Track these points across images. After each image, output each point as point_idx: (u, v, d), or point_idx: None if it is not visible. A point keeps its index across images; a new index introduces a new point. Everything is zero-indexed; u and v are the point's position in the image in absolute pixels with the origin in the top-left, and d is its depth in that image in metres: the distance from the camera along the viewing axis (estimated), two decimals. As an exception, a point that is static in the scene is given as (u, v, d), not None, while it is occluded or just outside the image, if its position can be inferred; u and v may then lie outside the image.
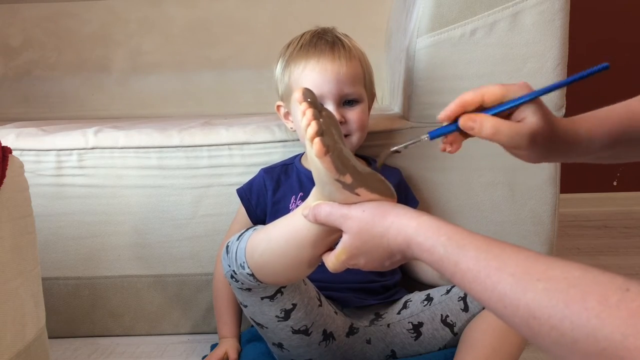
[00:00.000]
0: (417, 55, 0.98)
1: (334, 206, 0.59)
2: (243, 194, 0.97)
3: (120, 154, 1.04)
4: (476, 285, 0.45)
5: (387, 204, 0.57)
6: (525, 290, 0.41)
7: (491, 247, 0.46)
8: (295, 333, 0.80)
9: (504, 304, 0.42)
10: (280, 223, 0.69)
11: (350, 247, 0.58)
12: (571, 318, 0.37)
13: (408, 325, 0.85)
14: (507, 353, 0.77)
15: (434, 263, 0.50)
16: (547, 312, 0.39)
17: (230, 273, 0.76)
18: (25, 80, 1.70)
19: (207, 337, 1.06)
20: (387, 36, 1.51)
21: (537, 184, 1.01)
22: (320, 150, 0.54)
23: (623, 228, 1.74)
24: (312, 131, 0.55)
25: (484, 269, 0.45)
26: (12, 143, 1.02)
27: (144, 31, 1.70)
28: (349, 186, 0.57)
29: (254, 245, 0.71)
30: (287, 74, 0.91)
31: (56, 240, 1.05)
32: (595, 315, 0.36)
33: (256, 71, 1.66)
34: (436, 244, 0.49)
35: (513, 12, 0.94)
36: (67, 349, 1.04)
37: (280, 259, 0.68)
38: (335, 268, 0.61)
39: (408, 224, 0.53)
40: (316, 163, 0.56)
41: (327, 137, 0.55)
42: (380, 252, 0.56)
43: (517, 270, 0.42)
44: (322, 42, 0.88)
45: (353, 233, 0.57)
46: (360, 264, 0.59)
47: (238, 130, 1.04)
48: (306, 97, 0.58)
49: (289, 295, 0.78)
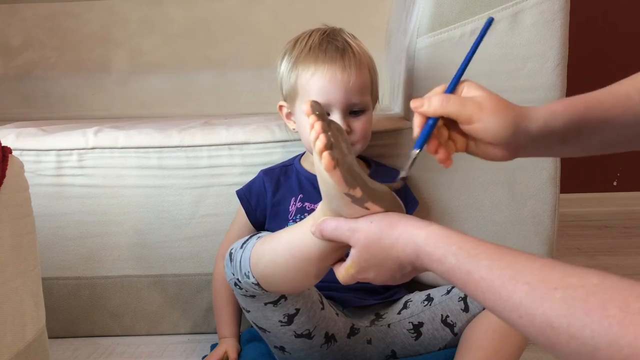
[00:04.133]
0: (417, 55, 0.98)
1: (340, 221, 0.58)
2: (242, 196, 0.97)
3: (120, 154, 1.03)
4: (490, 295, 0.44)
5: (395, 215, 0.56)
6: (542, 299, 0.40)
7: (504, 255, 0.45)
8: (298, 337, 0.80)
9: (519, 313, 0.41)
10: (286, 235, 0.67)
11: (359, 261, 0.57)
12: (592, 326, 0.37)
13: (408, 325, 0.85)
14: (507, 354, 0.77)
15: (444, 273, 0.49)
16: (565, 321, 0.38)
17: (234, 281, 0.76)
18: (25, 80, 1.70)
19: (207, 337, 1.06)
20: (387, 36, 1.51)
21: (537, 184, 1.01)
22: (330, 164, 0.53)
23: (623, 228, 1.74)
24: (321, 144, 0.53)
25: (498, 278, 0.44)
26: (12, 143, 1.02)
27: (144, 31, 1.70)
28: (359, 200, 0.56)
29: (259, 256, 0.70)
30: (293, 76, 0.89)
31: (56, 240, 1.05)
32: (617, 322, 0.36)
33: (256, 71, 1.65)
34: (447, 254, 0.48)
35: (513, 12, 0.94)
36: (67, 349, 1.04)
37: (286, 272, 0.67)
38: (345, 281, 0.60)
39: (417, 234, 0.52)
40: (325, 177, 0.55)
41: (336, 150, 0.54)
42: (390, 264, 0.55)
43: (533, 278, 0.42)
44: (332, 48, 0.86)
45: (361, 246, 0.56)
46: (370, 277, 0.58)
47: (238, 130, 1.04)
48: (314, 110, 0.57)
49: (293, 301, 0.78)
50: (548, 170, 1.01)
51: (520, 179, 1.01)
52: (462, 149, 0.62)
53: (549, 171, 1.01)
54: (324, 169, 0.54)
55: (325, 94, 0.85)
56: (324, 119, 0.56)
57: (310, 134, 0.55)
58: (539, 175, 1.01)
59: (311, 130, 0.55)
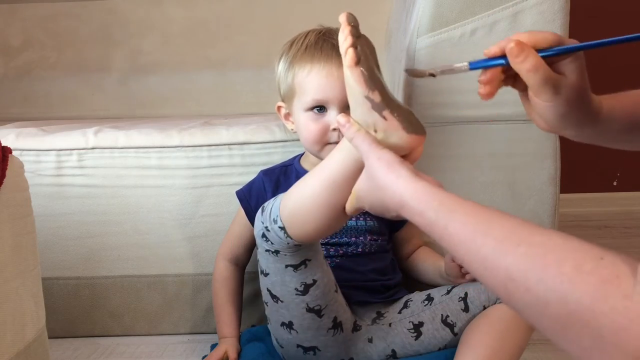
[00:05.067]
0: (417, 56, 0.98)
1: (369, 137, 0.61)
2: (242, 196, 0.97)
3: (120, 154, 1.04)
4: (461, 247, 0.47)
5: (398, 161, 0.58)
6: (506, 253, 0.43)
7: (480, 212, 0.48)
8: (309, 312, 0.80)
9: (485, 265, 0.44)
10: (314, 169, 0.71)
11: (359, 187, 0.62)
12: (546, 281, 0.39)
13: (409, 324, 0.85)
14: (507, 354, 0.77)
15: (424, 226, 0.52)
16: (524, 275, 0.41)
17: (262, 231, 0.76)
18: (25, 80, 1.70)
19: (207, 337, 1.06)
20: (387, 36, 1.51)
21: (537, 184, 1.01)
22: (352, 60, 0.58)
23: (623, 228, 1.74)
24: (348, 43, 0.59)
25: (470, 233, 0.46)
26: (12, 143, 1.02)
27: (144, 31, 1.70)
28: (378, 106, 0.59)
29: (288, 195, 0.73)
30: (290, 75, 0.89)
31: (56, 240, 1.05)
32: (568, 279, 0.38)
33: (256, 71, 1.65)
34: (428, 209, 0.52)
35: (513, 12, 0.94)
36: (67, 349, 1.04)
37: (312, 202, 0.70)
38: (349, 209, 0.66)
39: (406, 187, 0.55)
40: (347, 77, 0.59)
41: (361, 51, 0.59)
42: (379, 203, 0.59)
43: (501, 235, 0.44)
44: (328, 46, 0.87)
45: (364, 174, 0.61)
46: (367, 207, 0.62)
47: (238, 130, 1.04)
48: (350, 21, 0.61)
49: (312, 270, 0.78)
50: (548, 170, 1.01)
51: (520, 179, 1.01)
52: (518, 89, 0.60)
53: (549, 171, 1.01)
54: (346, 66, 0.59)
55: (323, 91, 0.86)
56: (356, 28, 0.61)
57: (339, 38, 0.61)
58: (539, 175, 1.01)
59: (341, 34, 0.60)
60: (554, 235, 0.42)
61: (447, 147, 1.01)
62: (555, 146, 1.01)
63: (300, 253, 0.77)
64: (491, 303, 0.81)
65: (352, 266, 0.91)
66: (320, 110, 0.87)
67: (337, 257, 0.91)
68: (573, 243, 0.40)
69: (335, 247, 0.92)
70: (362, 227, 0.93)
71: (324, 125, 0.87)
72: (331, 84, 0.85)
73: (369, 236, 0.93)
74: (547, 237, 0.42)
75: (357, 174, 0.65)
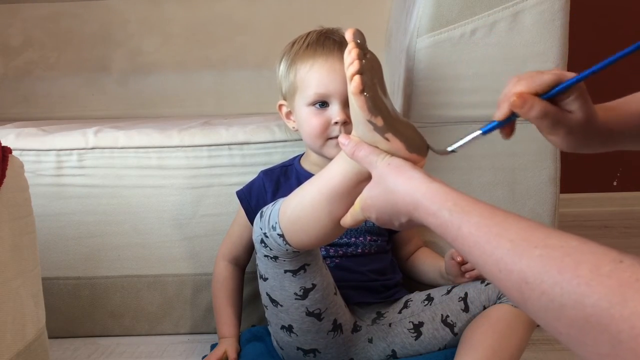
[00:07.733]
0: (417, 55, 0.98)
1: (372, 149, 0.61)
2: (242, 196, 0.97)
3: (120, 154, 1.04)
4: (475, 249, 0.46)
5: (409, 165, 0.58)
6: (522, 256, 0.42)
7: (495, 214, 0.47)
8: (309, 315, 0.80)
9: (499, 268, 0.44)
10: (313, 178, 0.71)
11: (365, 196, 0.61)
12: (562, 284, 0.38)
13: (409, 324, 0.85)
14: (507, 354, 0.77)
15: (437, 227, 0.51)
16: (539, 278, 0.40)
17: (261, 237, 0.76)
18: (25, 80, 1.70)
19: (207, 337, 1.06)
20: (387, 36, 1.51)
21: (537, 184, 1.01)
22: (357, 87, 0.57)
23: (623, 228, 1.74)
24: (354, 69, 0.58)
25: (484, 234, 0.46)
26: (12, 143, 1.02)
27: (144, 31, 1.70)
28: (380, 129, 0.59)
29: (287, 202, 0.73)
30: (292, 72, 0.90)
31: (56, 240, 1.05)
32: (585, 282, 0.37)
33: (256, 71, 1.65)
34: (442, 209, 0.51)
35: (513, 12, 0.94)
36: (67, 349, 1.04)
37: (311, 212, 0.69)
38: (351, 219, 0.64)
39: (418, 187, 0.54)
40: (352, 101, 0.59)
41: (366, 77, 0.58)
42: (389, 208, 0.58)
43: (517, 237, 0.44)
44: (329, 42, 0.88)
45: (371, 181, 0.60)
46: (372, 217, 0.61)
47: (238, 130, 1.04)
48: (356, 38, 0.61)
49: (311, 275, 0.78)
50: (548, 170, 1.01)
51: (520, 179, 1.01)
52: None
53: (549, 171, 1.01)
54: (351, 93, 0.58)
55: (324, 86, 0.86)
56: (362, 48, 0.60)
57: (345, 59, 0.59)
58: (539, 175, 1.01)
59: (348, 55, 0.59)
60: (570, 238, 0.41)
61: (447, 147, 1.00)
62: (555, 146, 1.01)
63: (299, 258, 0.77)
64: (491, 303, 0.82)
65: (352, 266, 0.91)
66: (322, 106, 0.87)
67: (337, 257, 0.91)
68: (590, 246, 0.40)
69: (334, 248, 0.92)
70: (361, 228, 0.93)
71: (326, 119, 0.87)
72: (333, 79, 0.86)
73: (368, 237, 0.93)
74: (564, 240, 0.41)
75: (358, 185, 0.64)
